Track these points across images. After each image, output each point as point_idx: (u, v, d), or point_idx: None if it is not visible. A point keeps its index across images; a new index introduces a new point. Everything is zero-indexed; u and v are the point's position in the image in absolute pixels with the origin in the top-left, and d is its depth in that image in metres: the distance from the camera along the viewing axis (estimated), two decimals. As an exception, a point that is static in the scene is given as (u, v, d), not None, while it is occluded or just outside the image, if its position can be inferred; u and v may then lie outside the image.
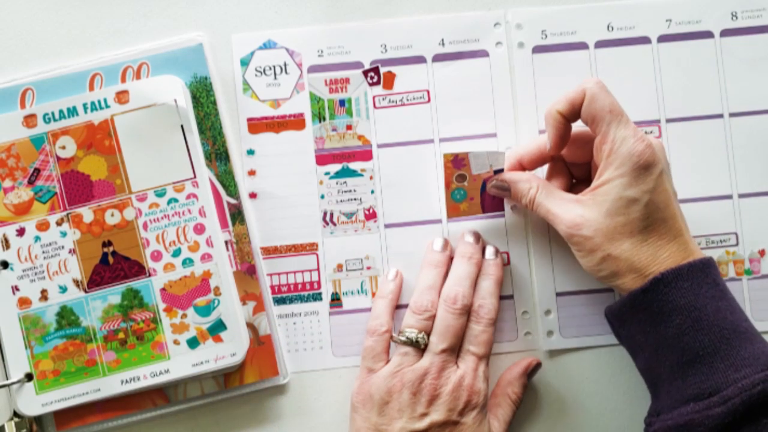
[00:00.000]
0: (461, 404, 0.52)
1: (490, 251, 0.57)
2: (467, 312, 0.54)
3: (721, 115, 0.58)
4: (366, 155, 0.58)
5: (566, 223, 0.51)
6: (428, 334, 0.53)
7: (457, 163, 0.55)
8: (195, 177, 0.56)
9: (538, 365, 0.56)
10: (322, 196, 0.58)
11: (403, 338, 0.53)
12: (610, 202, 0.49)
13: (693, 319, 0.47)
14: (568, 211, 0.51)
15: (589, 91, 0.50)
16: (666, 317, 0.48)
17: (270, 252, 0.58)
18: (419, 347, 0.53)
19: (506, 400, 0.55)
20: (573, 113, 0.51)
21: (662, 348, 0.49)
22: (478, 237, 0.57)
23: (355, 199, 0.58)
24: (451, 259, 0.57)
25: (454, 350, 0.53)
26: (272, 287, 0.58)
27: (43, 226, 0.56)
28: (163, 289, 0.56)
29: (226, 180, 0.57)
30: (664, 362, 0.49)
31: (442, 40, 0.59)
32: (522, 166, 0.56)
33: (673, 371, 0.48)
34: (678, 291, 0.48)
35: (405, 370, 0.52)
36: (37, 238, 0.55)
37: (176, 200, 0.56)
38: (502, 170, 0.55)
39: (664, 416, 0.48)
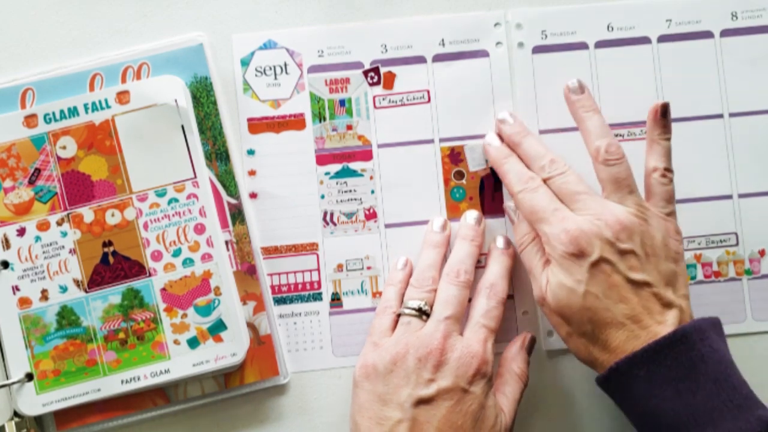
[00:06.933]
0: (471, 371, 0.50)
1: (500, 241, 0.56)
2: (469, 288, 0.54)
3: (721, 115, 0.58)
4: (366, 155, 0.58)
5: (535, 292, 0.52)
6: (431, 306, 0.53)
7: (453, 158, 0.55)
8: (195, 177, 0.56)
9: (533, 339, 0.56)
10: (323, 196, 0.58)
11: (406, 309, 0.53)
12: (554, 287, 0.50)
13: (651, 408, 0.47)
14: (539, 279, 0.52)
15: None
16: (629, 404, 0.49)
17: (270, 252, 0.58)
18: (422, 316, 0.52)
19: (512, 377, 0.54)
20: None
21: (637, 427, 0.49)
22: (479, 219, 0.57)
23: (355, 199, 0.58)
24: (449, 239, 0.57)
25: (459, 321, 0.52)
26: (272, 287, 0.58)
27: (43, 226, 0.56)
28: (163, 289, 0.56)
29: (227, 180, 0.57)
30: None
31: (442, 40, 0.59)
32: None
33: None
34: (634, 380, 0.47)
35: (409, 336, 0.51)
36: (38, 238, 0.55)
37: (177, 200, 0.56)
38: None
39: None
